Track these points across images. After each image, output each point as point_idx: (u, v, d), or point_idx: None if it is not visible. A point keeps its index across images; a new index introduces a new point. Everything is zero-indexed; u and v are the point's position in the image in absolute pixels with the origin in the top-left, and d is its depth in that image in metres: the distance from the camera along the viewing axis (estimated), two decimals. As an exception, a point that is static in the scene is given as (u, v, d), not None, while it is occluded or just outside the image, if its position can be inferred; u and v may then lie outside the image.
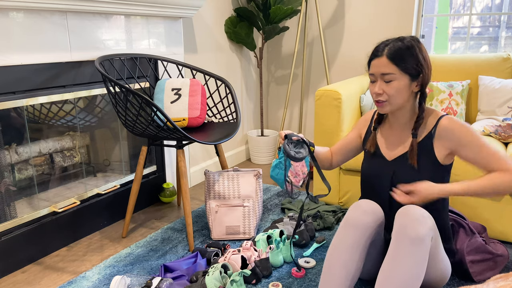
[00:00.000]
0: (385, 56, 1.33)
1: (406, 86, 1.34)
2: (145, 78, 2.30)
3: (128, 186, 2.34)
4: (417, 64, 1.33)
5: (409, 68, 1.32)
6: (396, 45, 1.33)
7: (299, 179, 1.50)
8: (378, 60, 1.34)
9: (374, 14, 2.92)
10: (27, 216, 1.85)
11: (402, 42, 1.34)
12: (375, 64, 1.35)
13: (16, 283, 1.74)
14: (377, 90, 1.35)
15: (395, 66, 1.32)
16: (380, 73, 1.34)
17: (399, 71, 1.32)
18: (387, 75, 1.33)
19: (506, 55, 2.34)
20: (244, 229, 2.03)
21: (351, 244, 1.33)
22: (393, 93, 1.34)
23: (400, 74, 1.32)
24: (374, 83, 1.38)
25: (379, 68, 1.34)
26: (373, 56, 1.37)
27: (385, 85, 1.34)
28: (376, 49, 1.36)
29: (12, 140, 1.95)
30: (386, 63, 1.32)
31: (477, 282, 1.64)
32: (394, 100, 1.35)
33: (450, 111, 2.31)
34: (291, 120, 3.50)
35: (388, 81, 1.33)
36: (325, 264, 1.37)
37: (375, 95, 1.37)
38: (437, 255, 1.37)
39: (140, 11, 2.12)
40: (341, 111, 2.19)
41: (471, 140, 1.34)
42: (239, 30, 3.00)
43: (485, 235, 1.76)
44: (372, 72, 1.37)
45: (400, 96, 1.35)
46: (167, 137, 1.87)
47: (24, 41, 1.72)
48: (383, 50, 1.34)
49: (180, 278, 1.65)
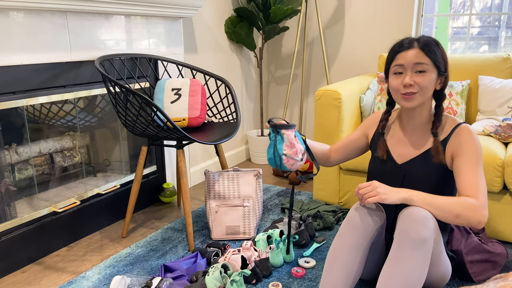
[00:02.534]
0: (418, 48, 1.32)
1: (434, 80, 1.34)
2: (145, 78, 2.30)
3: (128, 186, 2.34)
4: (444, 59, 1.34)
5: (439, 61, 1.32)
6: (425, 39, 1.34)
7: (296, 150, 1.42)
8: (410, 51, 1.32)
9: (374, 14, 2.92)
10: (27, 216, 1.86)
11: (429, 37, 1.34)
12: (405, 55, 1.33)
13: (16, 283, 1.74)
14: (408, 80, 1.32)
15: (428, 57, 1.31)
16: (413, 62, 1.32)
17: (431, 63, 1.32)
18: (420, 65, 1.31)
19: (506, 55, 2.34)
20: (244, 229, 2.03)
21: (353, 245, 1.33)
22: (426, 84, 1.32)
23: (431, 66, 1.32)
24: (401, 75, 1.35)
25: (412, 58, 1.32)
26: (399, 48, 1.35)
27: (417, 76, 1.33)
28: (401, 43, 1.35)
29: (12, 140, 1.95)
30: (419, 53, 1.31)
31: (477, 283, 1.64)
32: (424, 92, 1.33)
33: (450, 111, 2.31)
34: (291, 120, 3.50)
35: (421, 71, 1.32)
36: (326, 265, 1.37)
37: (403, 87, 1.34)
38: (438, 257, 1.37)
39: (140, 11, 2.12)
40: (341, 111, 2.19)
41: (471, 155, 1.32)
42: (239, 30, 3.00)
43: (482, 235, 1.76)
44: (401, 62, 1.33)
45: (429, 90, 1.34)
46: (167, 137, 1.87)
47: (24, 41, 1.72)
48: (412, 42, 1.34)
49: (180, 278, 1.65)
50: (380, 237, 1.42)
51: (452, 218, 1.24)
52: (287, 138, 1.42)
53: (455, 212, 1.24)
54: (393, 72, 1.37)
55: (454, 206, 1.24)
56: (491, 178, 1.85)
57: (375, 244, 1.43)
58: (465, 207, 1.24)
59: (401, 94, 1.36)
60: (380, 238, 1.43)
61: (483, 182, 1.30)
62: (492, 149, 1.88)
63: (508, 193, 1.89)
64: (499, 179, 1.85)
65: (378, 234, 1.39)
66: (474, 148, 1.33)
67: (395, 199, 1.27)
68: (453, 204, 1.25)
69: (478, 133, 2.14)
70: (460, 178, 1.32)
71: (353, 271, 1.32)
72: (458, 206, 1.24)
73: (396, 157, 1.48)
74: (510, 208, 1.89)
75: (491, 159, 1.85)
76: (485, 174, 1.86)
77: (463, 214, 1.23)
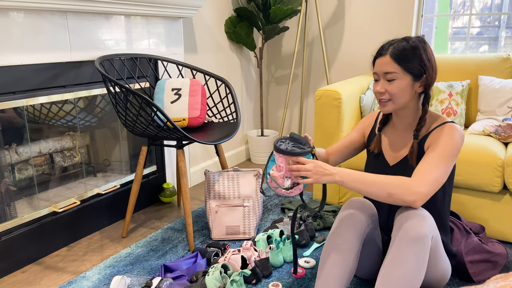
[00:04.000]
0: (389, 55, 1.33)
1: (409, 85, 1.34)
2: (145, 78, 2.30)
3: (128, 186, 2.34)
4: (421, 64, 1.32)
5: (412, 67, 1.32)
6: (401, 44, 1.33)
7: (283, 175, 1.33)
8: (382, 58, 1.35)
9: (374, 14, 2.92)
10: (27, 216, 1.86)
11: (407, 42, 1.34)
12: (378, 62, 1.36)
13: (16, 283, 1.74)
14: (379, 88, 1.36)
15: (397, 65, 1.32)
16: (382, 71, 1.35)
17: (401, 70, 1.32)
18: (389, 74, 1.33)
19: (506, 55, 2.34)
20: (244, 229, 2.03)
21: (345, 242, 1.35)
22: (396, 92, 1.34)
23: (402, 73, 1.32)
24: (377, 81, 1.38)
25: (382, 66, 1.35)
26: (377, 55, 1.38)
27: (388, 84, 1.35)
28: (381, 48, 1.37)
29: (12, 140, 1.95)
30: (389, 61, 1.33)
31: (477, 283, 1.64)
32: (396, 99, 1.35)
33: (450, 111, 2.31)
34: (291, 120, 3.50)
35: (391, 79, 1.34)
36: (320, 263, 1.38)
37: (378, 94, 1.38)
38: (437, 255, 1.38)
39: (140, 11, 2.12)
40: (341, 111, 2.19)
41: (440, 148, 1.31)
42: (239, 30, 3.00)
43: (482, 235, 1.76)
44: (375, 70, 1.38)
45: (402, 96, 1.35)
46: (167, 137, 1.87)
47: (24, 41, 1.72)
48: (387, 49, 1.35)
49: (180, 278, 1.65)
50: (373, 234, 1.43)
51: (385, 197, 1.24)
52: (276, 160, 1.35)
53: (387, 191, 1.23)
54: (374, 78, 1.41)
55: (386, 185, 1.24)
56: (491, 178, 1.86)
57: (370, 243, 1.44)
58: (398, 185, 1.23)
59: (378, 100, 1.40)
60: (373, 235, 1.43)
61: (437, 172, 1.26)
62: (492, 149, 1.88)
63: (508, 193, 1.89)
64: (499, 179, 1.85)
65: (371, 230, 1.41)
66: (446, 142, 1.32)
67: (325, 181, 1.28)
68: (386, 182, 1.24)
69: (478, 133, 2.14)
70: (419, 164, 1.31)
71: (347, 268, 1.34)
72: (390, 184, 1.24)
73: (388, 158, 1.50)
74: (510, 208, 1.89)
75: (491, 159, 1.85)
76: (485, 174, 1.86)
77: (396, 192, 1.23)
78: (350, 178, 1.28)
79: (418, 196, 1.23)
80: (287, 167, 1.32)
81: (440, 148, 1.31)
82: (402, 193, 1.23)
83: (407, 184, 1.24)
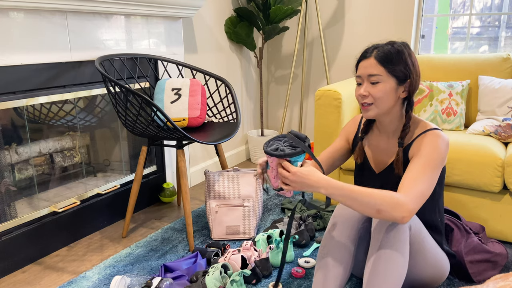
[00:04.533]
0: (373, 57, 1.31)
1: (393, 89, 1.31)
2: (145, 78, 2.30)
3: (128, 186, 2.34)
4: (406, 68, 1.31)
5: (397, 71, 1.30)
6: (386, 48, 1.32)
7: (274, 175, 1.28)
8: (366, 61, 1.32)
9: (374, 14, 2.92)
10: (27, 216, 1.86)
11: (392, 46, 1.32)
12: (362, 65, 1.33)
13: (16, 283, 1.74)
14: (362, 92, 1.32)
15: (382, 67, 1.30)
16: (367, 74, 1.32)
17: (386, 73, 1.30)
18: (373, 76, 1.30)
19: (506, 55, 2.34)
20: (244, 229, 2.03)
21: (340, 242, 1.36)
22: (379, 95, 1.31)
23: (386, 76, 1.30)
24: (360, 85, 1.35)
25: (366, 69, 1.32)
26: (361, 57, 1.35)
27: (371, 87, 1.32)
28: (365, 51, 1.35)
29: (12, 140, 1.95)
30: (373, 64, 1.30)
31: (477, 283, 1.64)
32: (379, 103, 1.32)
33: (450, 111, 2.31)
34: (291, 120, 3.50)
35: (375, 82, 1.31)
36: (317, 264, 1.39)
37: (360, 98, 1.34)
38: (424, 248, 1.37)
39: (140, 11, 2.12)
40: (341, 111, 2.19)
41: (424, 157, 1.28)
42: (239, 30, 3.00)
43: (482, 235, 1.76)
44: (359, 73, 1.34)
45: (386, 100, 1.32)
46: (167, 137, 1.87)
47: (24, 41, 1.72)
48: (372, 52, 1.32)
49: (180, 278, 1.65)
50: (367, 233, 1.43)
51: (374, 213, 1.19)
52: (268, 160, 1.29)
53: (376, 208, 1.18)
54: (356, 82, 1.38)
55: (375, 201, 1.18)
56: (491, 178, 1.86)
57: (366, 241, 1.44)
58: (388, 202, 1.18)
59: (360, 104, 1.36)
60: (367, 234, 1.44)
61: (423, 184, 1.24)
62: (492, 149, 1.88)
63: (508, 193, 1.89)
64: (499, 179, 1.85)
65: (365, 228, 1.41)
66: (432, 150, 1.29)
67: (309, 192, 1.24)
68: (375, 198, 1.19)
69: (478, 133, 2.14)
70: (404, 175, 1.28)
71: (344, 267, 1.35)
72: (380, 200, 1.18)
73: (374, 166, 1.48)
74: (510, 208, 1.89)
75: (491, 159, 1.85)
76: (485, 174, 1.86)
77: (385, 210, 1.18)
78: (338, 192, 1.21)
79: (406, 213, 1.19)
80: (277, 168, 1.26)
81: (424, 158, 1.28)
82: (391, 210, 1.18)
83: (395, 200, 1.19)
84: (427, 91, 2.35)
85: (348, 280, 1.69)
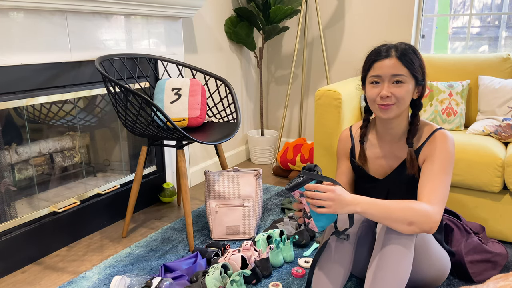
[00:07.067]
0: (395, 57, 1.28)
1: (411, 91, 1.31)
2: (145, 78, 2.30)
3: (128, 186, 2.34)
4: (422, 70, 1.31)
5: (417, 71, 1.29)
6: (402, 47, 1.30)
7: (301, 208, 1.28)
8: (387, 61, 1.28)
9: (374, 14, 2.92)
10: (27, 216, 1.86)
11: (406, 45, 1.31)
12: (382, 65, 1.29)
13: (16, 283, 1.74)
14: (385, 92, 1.28)
15: (405, 68, 1.28)
16: (390, 74, 1.28)
17: (409, 73, 1.29)
18: (398, 76, 1.28)
19: (506, 55, 2.34)
20: (244, 229, 2.03)
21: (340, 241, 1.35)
22: (403, 95, 1.29)
23: (409, 77, 1.29)
24: (378, 84, 1.31)
25: (389, 69, 1.28)
26: (377, 57, 1.31)
27: (394, 87, 1.29)
28: (379, 51, 1.31)
29: (12, 140, 1.95)
30: (397, 64, 1.28)
31: (477, 283, 1.64)
32: (401, 104, 1.30)
33: (450, 111, 2.31)
34: (291, 120, 3.50)
35: (399, 82, 1.28)
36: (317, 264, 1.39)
37: (380, 98, 1.30)
38: (428, 249, 1.38)
39: (140, 11, 2.12)
40: (341, 111, 2.19)
41: (440, 160, 1.29)
42: (239, 30, 3.00)
43: (482, 235, 1.76)
44: (379, 73, 1.29)
45: (406, 100, 1.31)
46: (167, 137, 1.87)
47: (24, 41, 1.72)
48: (389, 51, 1.30)
49: (180, 278, 1.65)
50: (368, 232, 1.43)
51: (405, 226, 1.21)
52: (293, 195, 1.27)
53: (409, 220, 1.20)
54: (370, 82, 1.34)
55: (407, 214, 1.20)
56: (491, 178, 1.85)
57: (365, 241, 1.44)
58: (419, 213, 1.20)
59: (377, 105, 1.32)
60: (368, 233, 1.44)
61: (443, 190, 1.26)
62: (492, 149, 1.88)
63: (508, 193, 1.89)
64: (499, 179, 1.85)
65: (364, 228, 1.41)
66: (445, 154, 1.30)
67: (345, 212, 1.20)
68: (406, 212, 1.20)
69: (478, 133, 2.14)
70: (422, 181, 1.29)
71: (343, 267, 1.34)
72: (411, 213, 1.20)
73: (376, 174, 1.46)
74: (510, 208, 1.89)
75: (491, 159, 1.85)
76: (485, 174, 1.86)
77: (416, 221, 1.20)
78: (373, 208, 1.20)
79: (434, 224, 1.21)
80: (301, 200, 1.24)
81: (438, 164, 1.29)
82: (423, 222, 1.20)
83: (424, 212, 1.20)
84: (427, 91, 2.35)
85: (348, 280, 1.69)
